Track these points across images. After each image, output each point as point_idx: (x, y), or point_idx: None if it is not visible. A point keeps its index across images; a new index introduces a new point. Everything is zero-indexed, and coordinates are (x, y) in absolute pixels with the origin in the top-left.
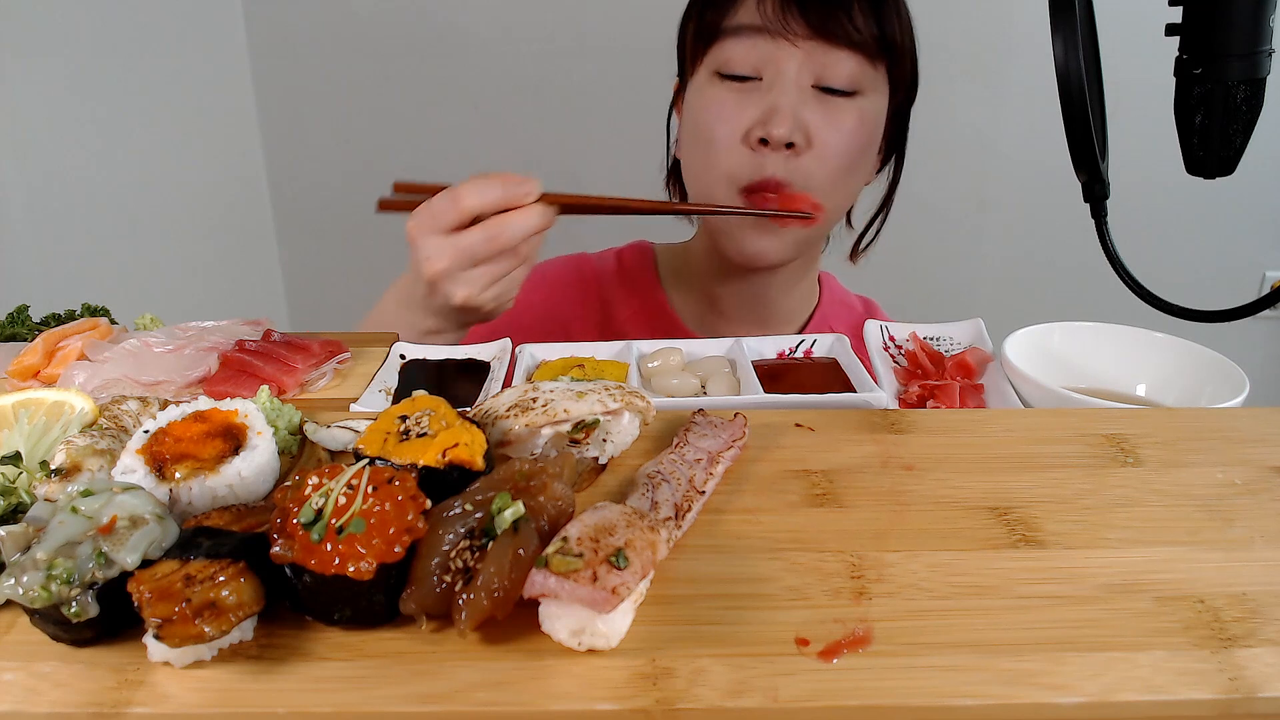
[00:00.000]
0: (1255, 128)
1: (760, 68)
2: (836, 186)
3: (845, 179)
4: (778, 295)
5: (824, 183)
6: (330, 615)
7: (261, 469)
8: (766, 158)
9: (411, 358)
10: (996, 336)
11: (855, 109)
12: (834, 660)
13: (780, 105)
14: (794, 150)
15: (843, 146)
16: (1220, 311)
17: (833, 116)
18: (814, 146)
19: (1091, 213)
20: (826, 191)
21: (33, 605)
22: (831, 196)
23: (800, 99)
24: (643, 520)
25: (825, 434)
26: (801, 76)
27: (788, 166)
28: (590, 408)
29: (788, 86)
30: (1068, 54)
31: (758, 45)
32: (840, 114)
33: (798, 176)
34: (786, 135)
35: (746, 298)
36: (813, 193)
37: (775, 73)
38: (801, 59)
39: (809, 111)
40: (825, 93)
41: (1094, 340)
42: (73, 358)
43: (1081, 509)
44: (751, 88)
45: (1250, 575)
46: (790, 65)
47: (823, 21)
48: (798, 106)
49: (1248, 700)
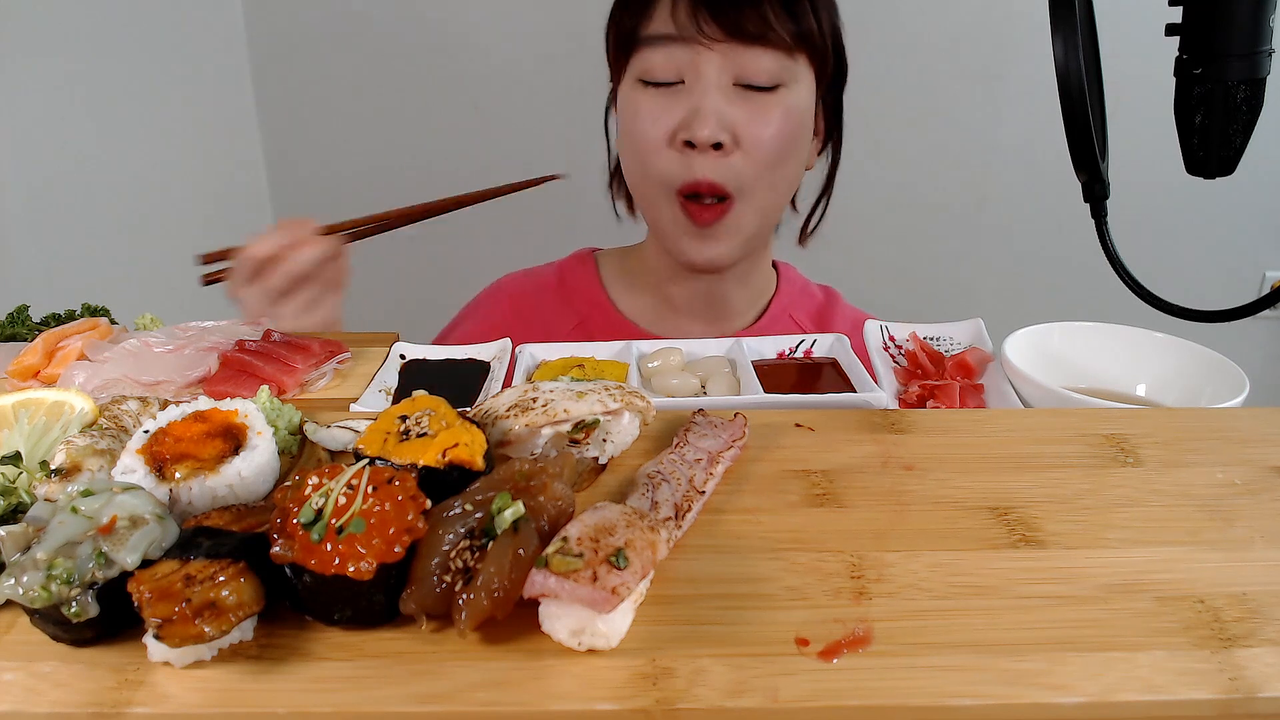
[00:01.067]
0: (1255, 128)
1: (680, 72)
2: (770, 179)
3: (777, 171)
4: (732, 290)
5: (755, 178)
6: (330, 615)
7: (261, 469)
8: (695, 159)
9: (411, 358)
10: (996, 336)
11: (779, 103)
12: (834, 660)
13: (702, 107)
14: (722, 150)
15: (770, 141)
16: (1220, 311)
17: (757, 112)
18: (742, 144)
19: (1091, 213)
20: (760, 185)
21: (33, 605)
22: (767, 190)
23: (723, 99)
24: (643, 520)
25: (825, 434)
26: (721, 77)
27: (717, 166)
28: (590, 408)
29: (709, 89)
30: (1068, 54)
31: (675, 52)
32: (764, 109)
33: (729, 175)
34: (711, 137)
35: (700, 295)
36: (745, 189)
37: (695, 76)
38: (719, 61)
39: (733, 109)
40: (747, 89)
41: (1094, 340)
42: (73, 358)
43: (1081, 509)
44: (674, 91)
45: (1250, 575)
46: (709, 69)
47: (735, 23)
48: (721, 106)
49: (1248, 700)
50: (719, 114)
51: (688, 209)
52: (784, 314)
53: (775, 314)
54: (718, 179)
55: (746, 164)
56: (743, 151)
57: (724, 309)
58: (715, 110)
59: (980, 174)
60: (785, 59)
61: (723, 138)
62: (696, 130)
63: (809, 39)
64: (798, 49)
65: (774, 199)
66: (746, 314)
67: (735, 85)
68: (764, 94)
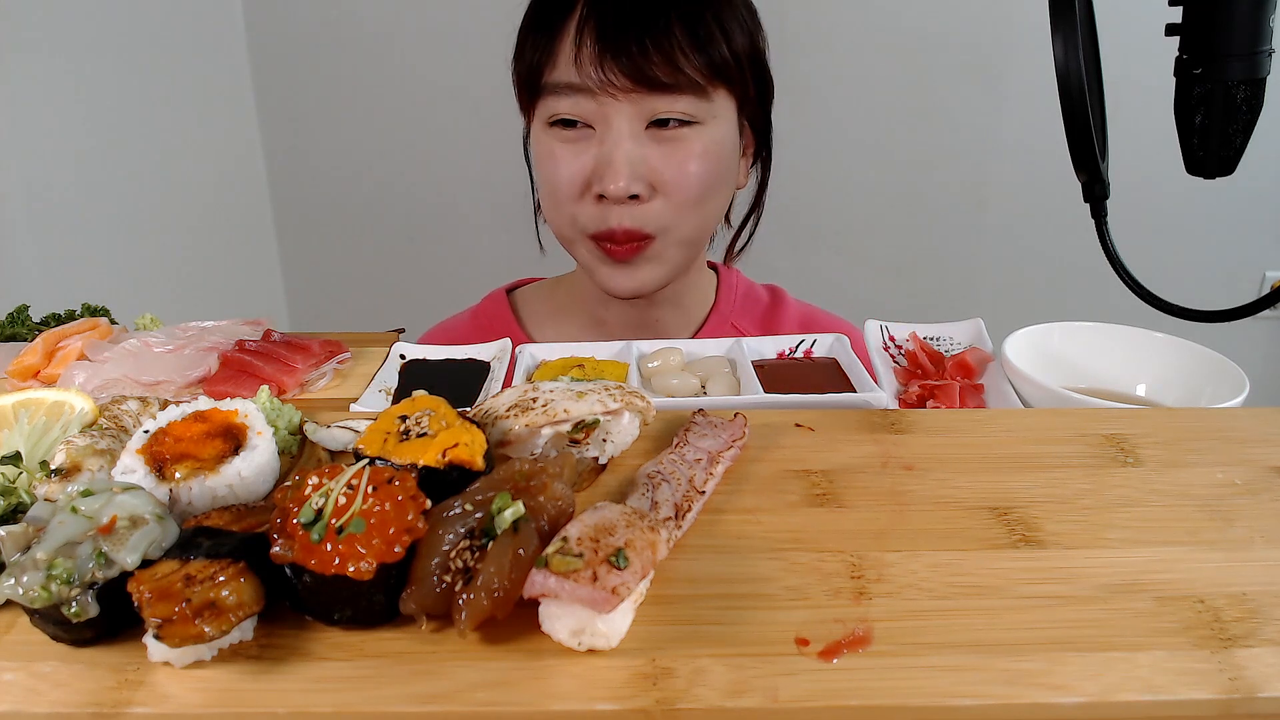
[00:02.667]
0: (1255, 128)
1: (589, 119)
2: (692, 216)
3: (701, 208)
4: (665, 313)
5: (677, 218)
6: (330, 615)
7: (261, 469)
8: (611, 209)
9: (411, 358)
10: (996, 336)
11: (697, 140)
12: (834, 660)
13: (614, 158)
14: (639, 200)
15: (690, 181)
16: (1220, 311)
17: (674, 155)
18: (660, 190)
19: (1091, 213)
20: (683, 223)
21: (33, 605)
22: (690, 226)
23: (636, 145)
24: (643, 520)
25: (825, 434)
26: (633, 124)
27: (634, 214)
28: (590, 408)
29: (620, 138)
30: (1068, 54)
31: (581, 101)
32: (682, 150)
33: (647, 220)
34: (624, 190)
35: (632, 319)
36: (667, 228)
37: (605, 125)
38: (629, 110)
39: (648, 153)
40: (662, 129)
41: (1094, 340)
42: (73, 358)
43: (1081, 509)
44: (585, 135)
45: (1250, 575)
46: (619, 118)
47: (641, 71)
48: (634, 155)
49: (1248, 700)
50: (632, 164)
51: (603, 247)
52: (724, 322)
53: (714, 324)
54: (634, 225)
55: (666, 207)
56: (662, 196)
57: (660, 328)
58: (628, 161)
59: (980, 174)
60: (700, 99)
61: (637, 189)
62: (608, 183)
63: (724, 71)
64: (713, 85)
65: (700, 230)
66: (682, 331)
67: (649, 128)
68: (680, 131)
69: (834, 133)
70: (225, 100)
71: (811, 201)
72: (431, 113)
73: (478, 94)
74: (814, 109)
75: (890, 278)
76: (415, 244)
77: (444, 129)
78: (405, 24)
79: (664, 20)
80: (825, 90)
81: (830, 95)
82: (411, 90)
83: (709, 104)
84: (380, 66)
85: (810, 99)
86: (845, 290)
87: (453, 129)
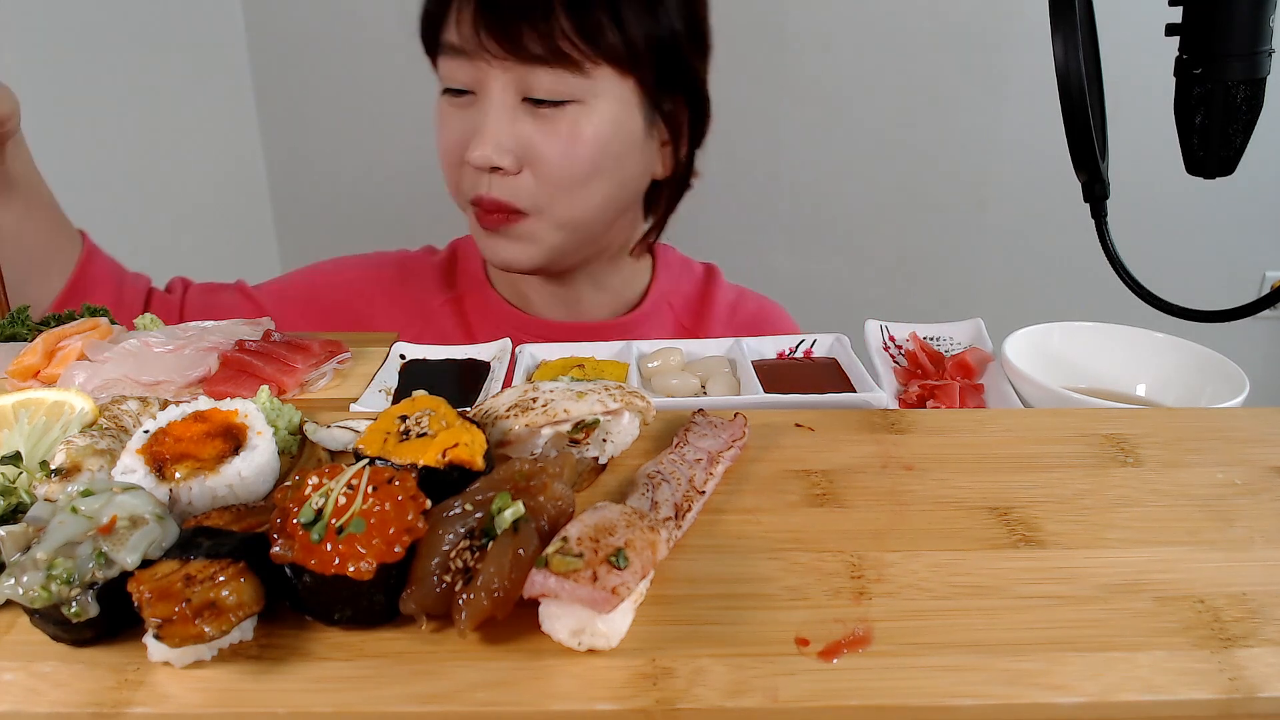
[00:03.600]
0: (1255, 128)
1: (471, 84)
2: (569, 198)
3: (579, 190)
4: (585, 292)
5: (550, 197)
6: (330, 615)
7: (261, 469)
8: (482, 177)
9: (411, 358)
10: (996, 336)
11: (570, 120)
12: (834, 660)
13: (483, 127)
14: (503, 172)
15: (561, 160)
16: (1220, 311)
17: (547, 130)
18: (530, 164)
19: (1091, 213)
20: (558, 203)
21: (33, 605)
22: (567, 207)
23: (508, 117)
24: (643, 520)
25: (825, 434)
26: (507, 94)
27: (504, 186)
28: (590, 408)
29: (491, 107)
30: (1068, 54)
31: (464, 65)
32: (554, 127)
33: (517, 195)
34: (484, 160)
35: (553, 295)
36: (539, 207)
37: (483, 92)
38: (504, 78)
39: (521, 127)
40: (538, 105)
41: (1094, 340)
42: (73, 358)
43: (1081, 509)
44: (468, 102)
45: (1250, 575)
46: (494, 85)
47: (516, 41)
48: (504, 126)
49: (1248, 700)
50: (499, 136)
51: (477, 213)
52: (662, 302)
53: (649, 306)
54: (503, 197)
55: (537, 184)
56: (533, 172)
57: (579, 311)
58: (495, 132)
59: (980, 174)
60: (574, 76)
61: (501, 161)
62: (472, 151)
63: (612, 54)
64: (593, 63)
65: (582, 214)
66: (612, 310)
67: (525, 101)
68: (555, 109)
69: (834, 132)
70: (225, 100)
71: (811, 201)
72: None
73: None
74: (814, 109)
75: (890, 278)
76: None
77: None
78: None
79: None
80: (825, 90)
81: (830, 95)
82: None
83: (588, 82)
84: (380, 66)
85: (810, 99)
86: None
87: None
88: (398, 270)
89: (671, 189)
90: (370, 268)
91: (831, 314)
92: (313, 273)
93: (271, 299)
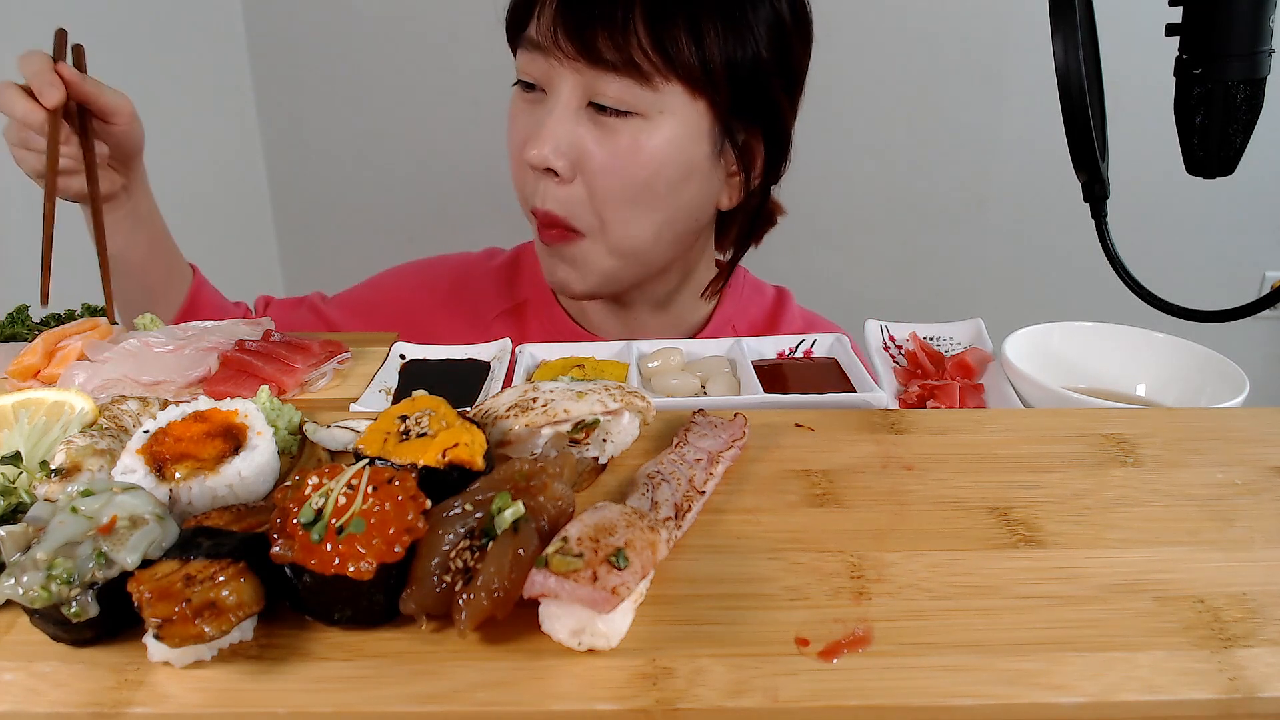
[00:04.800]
0: (1255, 128)
1: (542, 81)
2: (622, 218)
3: (632, 211)
4: (646, 317)
5: (600, 216)
6: (330, 615)
7: (261, 469)
8: (540, 184)
9: (411, 358)
10: (996, 336)
11: (631, 132)
12: (834, 660)
13: (544, 125)
14: (560, 179)
15: (616, 171)
16: (1220, 311)
17: (606, 138)
18: (584, 173)
19: (1091, 213)
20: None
21: (33, 605)
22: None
23: (570, 119)
24: (643, 520)
25: (825, 434)
26: (572, 96)
27: (558, 197)
28: (590, 408)
29: (555, 106)
30: (1068, 54)
31: (537, 60)
32: (615, 137)
33: (568, 209)
34: (540, 159)
35: (611, 314)
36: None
37: (552, 90)
38: (572, 78)
39: (581, 131)
40: (600, 112)
41: (1094, 340)
42: (73, 358)
43: (1081, 509)
44: (537, 99)
45: (1250, 575)
46: (562, 84)
47: (589, 44)
48: (565, 128)
49: (1248, 700)
50: (557, 137)
51: (537, 226)
52: (725, 326)
53: (711, 333)
54: (558, 211)
55: (589, 197)
56: (584, 182)
57: (638, 332)
58: (555, 132)
59: (980, 174)
60: (642, 88)
61: (555, 163)
62: (530, 148)
63: (686, 71)
64: (665, 78)
65: (639, 242)
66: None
67: (590, 106)
68: (617, 119)
69: (834, 132)
70: (225, 99)
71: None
72: (432, 111)
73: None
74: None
75: (890, 278)
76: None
77: (444, 127)
78: (405, 22)
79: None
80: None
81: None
82: (412, 89)
83: (655, 95)
84: (380, 65)
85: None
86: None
87: (453, 127)
88: (453, 281)
89: (743, 222)
90: (427, 279)
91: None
92: (376, 285)
93: (343, 312)
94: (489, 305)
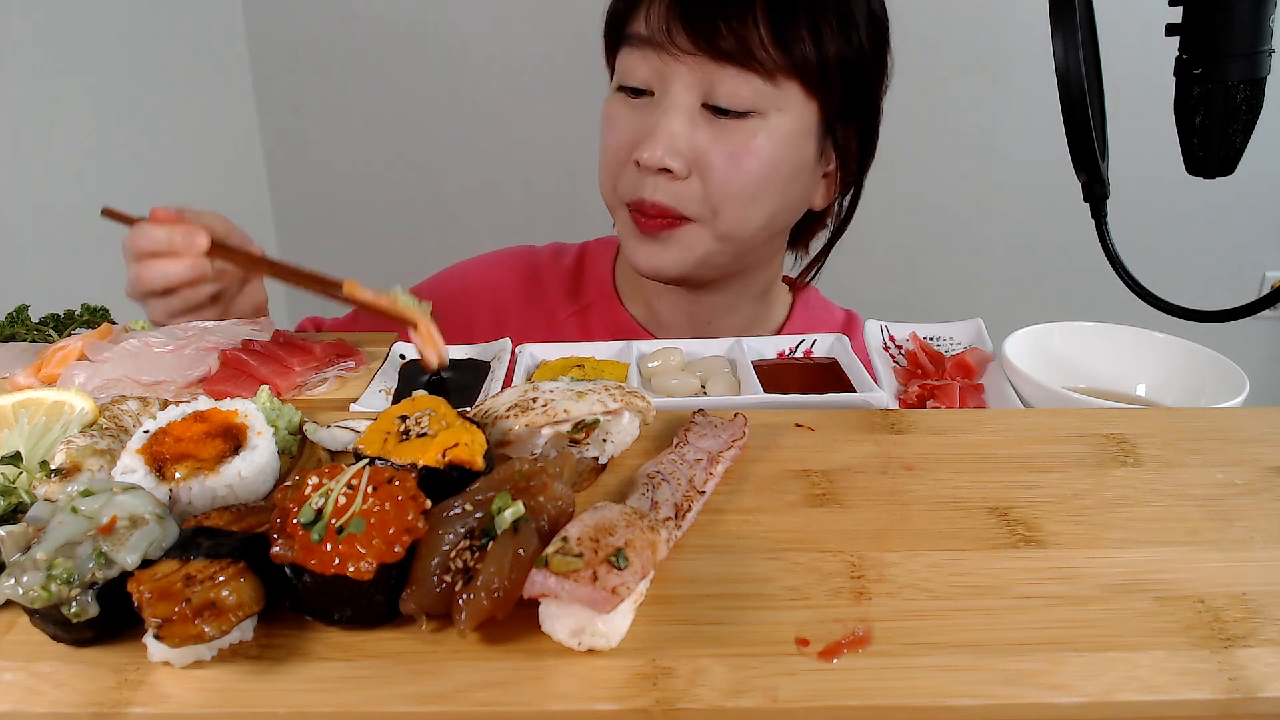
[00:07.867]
0: (1255, 128)
1: (651, 82)
2: (737, 212)
3: (747, 206)
4: (717, 315)
5: (715, 209)
6: (330, 615)
7: (261, 469)
8: (648, 179)
9: (411, 358)
10: (996, 336)
11: (751, 132)
12: (834, 660)
13: (659, 127)
14: (673, 176)
15: (734, 172)
16: (1220, 311)
17: (723, 140)
18: (700, 172)
19: (1091, 213)
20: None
21: (33, 605)
22: (734, 221)
23: (685, 120)
24: (643, 520)
25: (825, 434)
26: (688, 95)
27: (670, 191)
28: (590, 408)
29: (670, 107)
30: (1068, 54)
31: (648, 58)
32: (732, 138)
33: (681, 201)
34: (656, 161)
35: (681, 312)
36: (703, 216)
37: (664, 90)
38: (688, 77)
39: (697, 134)
40: (716, 113)
41: (1094, 340)
42: (73, 358)
43: (1081, 509)
44: (645, 102)
45: (1250, 575)
46: (677, 84)
47: (708, 37)
48: (680, 129)
49: (1248, 700)
50: (673, 137)
51: (635, 217)
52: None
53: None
54: (668, 203)
55: (704, 193)
56: (700, 179)
57: (710, 331)
58: (670, 133)
59: (980, 174)
60: (764, 84)
61: (672, 164)
62: (644, 151)
63: (803, 67)
64: (784, 75)
65: (742, 229)
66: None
67: (704, 106)
68: (735, 120)
69: None
70: (225, 100)
71: None
72: (432, 111)
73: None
74: None
75: (890, 278)
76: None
77: (445, 128)
78: (406, 24)
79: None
80: None
81: None
82: (412, 89)
83: (773, 93)
84: (381, 65)
85: None
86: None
87: (453, 128)
88: (525, 275)
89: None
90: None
91: None
92: (449, 276)
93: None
94: (558, 306)
